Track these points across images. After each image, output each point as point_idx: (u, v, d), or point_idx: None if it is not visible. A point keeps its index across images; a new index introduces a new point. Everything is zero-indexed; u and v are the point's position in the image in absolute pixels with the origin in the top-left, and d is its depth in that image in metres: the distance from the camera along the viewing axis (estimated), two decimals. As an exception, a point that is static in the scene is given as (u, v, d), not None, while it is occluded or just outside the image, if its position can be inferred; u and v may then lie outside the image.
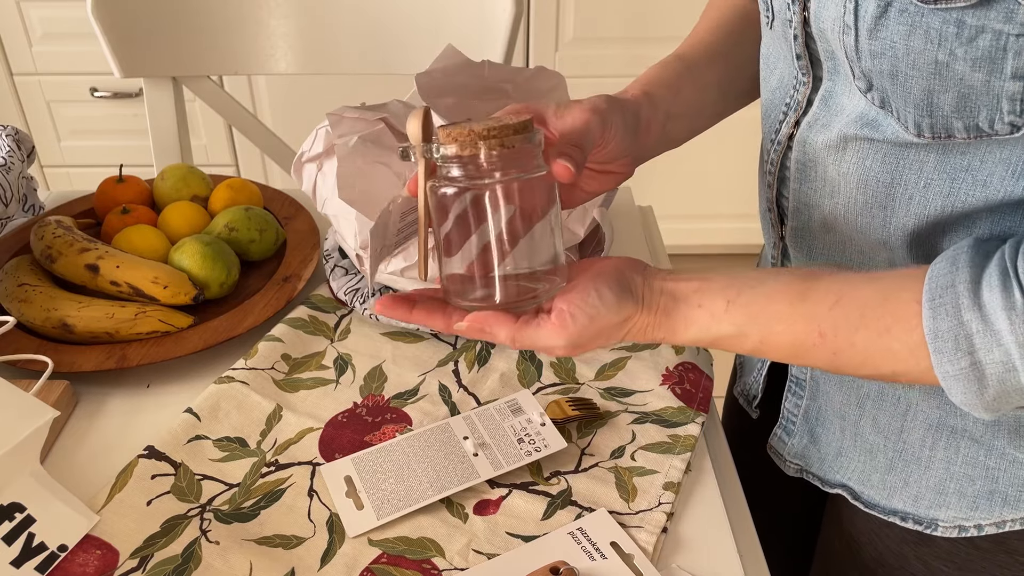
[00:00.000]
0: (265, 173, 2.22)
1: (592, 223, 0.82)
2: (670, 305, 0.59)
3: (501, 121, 0.57)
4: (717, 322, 0.58)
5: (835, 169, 0.63)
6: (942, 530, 0.71)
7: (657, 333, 0.60)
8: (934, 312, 0.52)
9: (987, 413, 0.54)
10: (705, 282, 0.59)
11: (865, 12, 0.53)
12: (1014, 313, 0.50)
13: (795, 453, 0.81)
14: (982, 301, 0.51)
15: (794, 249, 0.71)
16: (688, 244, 2.32)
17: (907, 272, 0.55)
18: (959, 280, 0.52)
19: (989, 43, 0.49)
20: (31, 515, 0.65)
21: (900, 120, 0.56)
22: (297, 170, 0.89)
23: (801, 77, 0.64)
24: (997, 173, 0.56)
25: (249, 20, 1.27)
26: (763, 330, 0.57)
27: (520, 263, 0.59)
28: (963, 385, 0.53)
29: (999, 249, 0.53)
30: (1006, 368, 0.51)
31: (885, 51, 0.53)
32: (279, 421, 0.76)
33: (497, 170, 0.56)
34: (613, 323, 0.58)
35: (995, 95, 0.51)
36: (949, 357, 0.52)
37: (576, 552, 0.65)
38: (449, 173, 0.57)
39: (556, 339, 0.58)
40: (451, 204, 0.58)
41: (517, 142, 0.56)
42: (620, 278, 0.59)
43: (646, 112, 0.68)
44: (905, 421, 0.70)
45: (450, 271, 0.60)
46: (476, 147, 0.56)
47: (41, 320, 0.83)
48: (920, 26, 0.51)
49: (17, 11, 2.01)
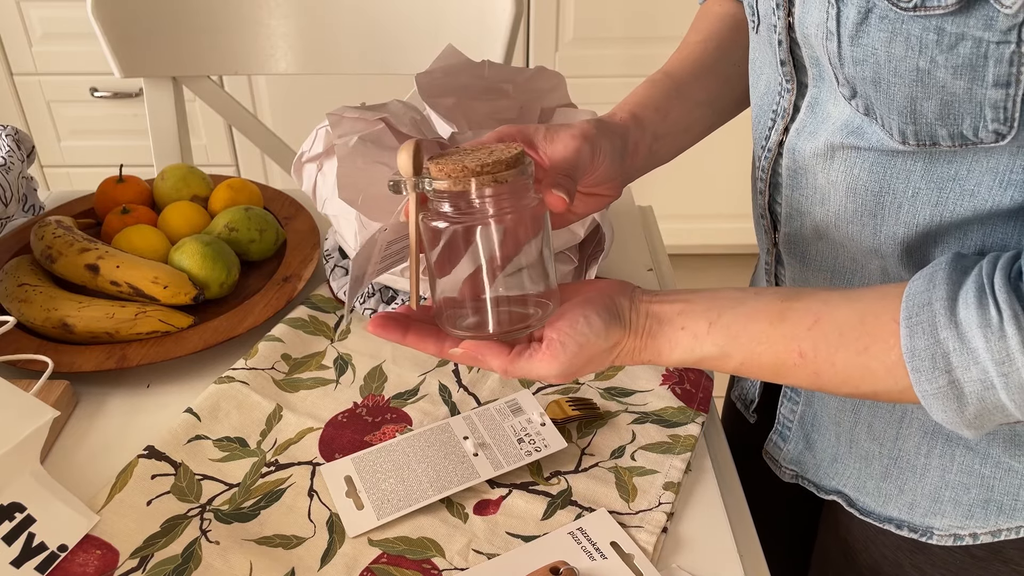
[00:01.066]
0: (265, 173, 2.22)
1: (592, 223, 0.82)
2: (655, 328, 0.59)
3: (493, 154, 0.57)
4: (700, 343, 0.58)
5: (824, 177, 0.63)
6: (937, 538, 0.71)
7: (644, 356, 0.60)
8: (911, 331, 0.52)
9: (969, 431, 0.54)
10: (688, 304, 0.59)
11: (847, 18, 0.53)
12: (990, 330, 0.49)
13: (791, 459, 0.81)
14: (958, 319, 0.51)
15: (787, 256, 0.71)
16: (688, 244, 2.32)
17: (885, 290, 0.55)
18: (936, 298, 0.52)
19: (970, 50, 0.49)
20: (31, 515, 0.65)
21: (885, 127, 0.56)
22: (297, 170, 0.89)
23: (785, 83, 0.64)
24: (985, 183, 0.55)
25: (249, 20, 1.27)
26: (744, 351, 0.57)
27: (512, 292, 0.59)
28: (942, 403, 0.52)
29: (977, 265, 0.53)
30: (984, 386, 0.50)
31: (867, 58, 0.53)
32: (279, 421, 0.76)
33: (489, 205, 0.56)
34: (602, 349, 0.59)
35: (978, 103, 0.51)
36: (927, 376, 0.52)
37: (576, 552, 0.65)
38: (441, 208, 0.57)
39: (548, 368, 0.58)
40: (443, 236, 0.58)
41: (509, 177, 0.56)
42: (608, 303, 0.59)
43: (634, 135, 0.69)
44: (900, 428, 0.70)
45: (441, 299, 0.60)
46: (468, 183, 0.55)
47: (41, 320, 0.83)
48: (901, 33, 0.51)
49: (17, 11, 2.01)
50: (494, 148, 0.58)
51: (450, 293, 0.59)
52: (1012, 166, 0.54)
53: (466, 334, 0.60)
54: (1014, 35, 0.48)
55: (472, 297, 0.59)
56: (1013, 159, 0.54)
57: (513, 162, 0.56)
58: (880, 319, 0.54)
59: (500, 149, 0.58)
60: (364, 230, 0.79)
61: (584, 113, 0.87)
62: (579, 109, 0.87)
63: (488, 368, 0.60)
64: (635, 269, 0.96)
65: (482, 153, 0.57)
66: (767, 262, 0.74)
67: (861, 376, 0.55)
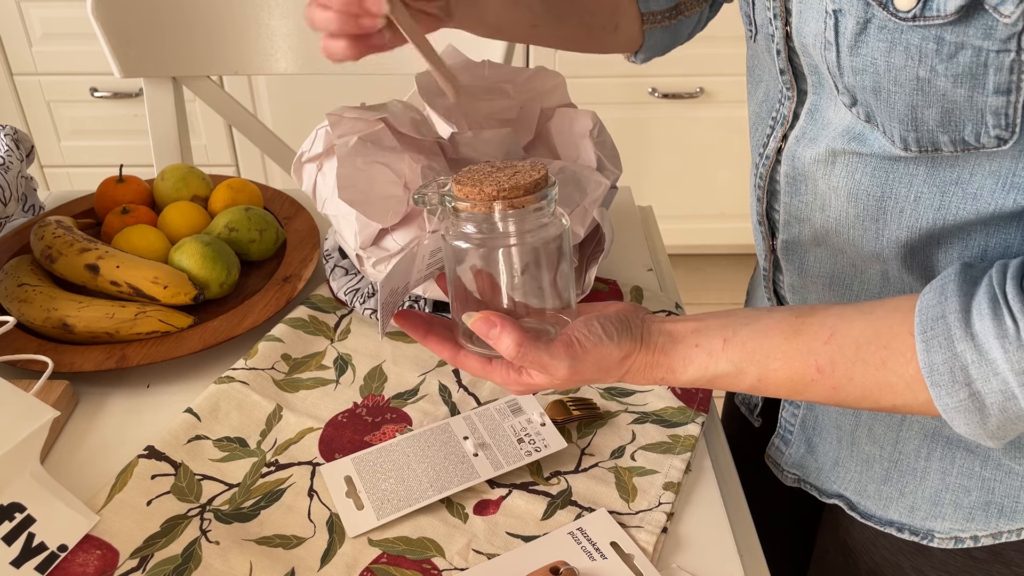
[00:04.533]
0: (265, 173, 2.22)
1: (592, 223, 0.82)
2: (668, 345, 0.59)
3: (515, 176, 0.57)
4: (715, 360, 0.58)
5: (825, 183, 0.63)
6: (938, 541, 0.71)
7: (656, 372, 0.59)
8: (927, 345, 0.52)
9: (993, 441, 0.53)
10: (702, 323, 0.59)
11: (845, 28, 0.53)
12: (1007, 340, 0.49)
13: (792, 463, 0.80)
14: (974, 331, 0.50)
15: (785, 262, 0.71)
16: (688, 244, 2.32)
17: (897, 303, 0.55)
18: (949, 310, 0.51)
19: (970, 59, 0.49)
20: (31, 515, 0.65)
21: (886, 134, 0.56)
22: (297, 170, 0.89)
23: (786, 91, 0.64)
24: (987, 186, 0.55)
25: (249, 20, 1.27)
26: (760, 367, 0.57)
27: (530, 310, 0.60)
28: (965, 416, 0.52)
29: (987, 274, 0.52)
30: (1006, 396, 0.50)
31: (867, 67, 0.53)
32: (279, 421, 0.76)
33: (508, 229, 0.57)
34: (615, 357, 0.58)
35: (979, 110, 0.51)
36: (947, 390, 0.51)
37: (576, 552, 0.65)
38: (462, 229, 0.58)
39: (561, 360, 0.57)
40: (464, 256, 0.59)
41: (528, 203, 0.56)
42: (622, 318, 0.59)
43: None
44: (901, 431, 0.70)
45: (460, 314, 0.60)
46: (489, 207, 0.56)
47: (41, 320, 0.83)
48: (900, 43, 0.50)
49: (17, 11, 2.01)
50: (518, 168, 0.58)
51: (470, 310, 0.60)
52: (1015, 169, 0.54)
53: (483, 351, 0.60)
54: (1014, 43, 0.47)
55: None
56: (1015, 162, 0.54)
57: (533, 187, 0.56)
58: (895, 332, 0.53)
59: (524, 170, 0.58)
60: (364, 230, 0.79)
61: (584, 113, 0.87)
62: (579, 109, 0.87)
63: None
64: (635, 269, 0.96)
65: (504, 175, 0.57)
66: (765, 268, 0.74)
67: (881, 391, 0.54)
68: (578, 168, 0.83)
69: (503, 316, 0.57)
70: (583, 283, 0.83)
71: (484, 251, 0.58)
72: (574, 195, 0.81)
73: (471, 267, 0.59)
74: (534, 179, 0.56)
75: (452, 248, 0.58)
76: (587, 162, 0.85)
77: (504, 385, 0.61)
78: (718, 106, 2.11)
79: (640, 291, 0.91)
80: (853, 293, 0.67)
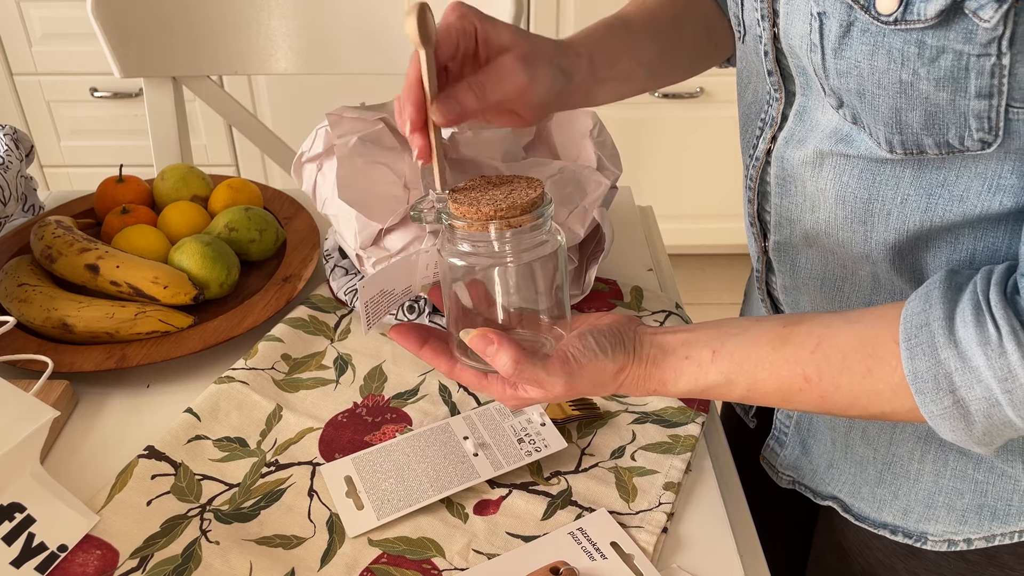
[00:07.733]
0: (265, 173, 2.22)
1: (592, 223, 0.82)
2: (659, 357, 0.59)
3: (511, 195, 0.58)
4: (704, 372, 0.58)
5: (813, 185, 0.63)
6: (931, 543, 0.71)
7: (649, 384, 0.60)
8: (911, 352, 0.52)
9: (981, 447, 0.54)
10: (692, 334, 0.59)
11: (829, 31, 0.53)
12: (989, 348, 0.49)
13: (787, 464, 0.81)
14: (957, 338, 0.51)
15: (778, 263, 0.71)
16: (688, 244, 2.32)
17: (883, 311, 0.55)
18: (933, 318, 0.52)
19: (951, 63, 0.49)
20: (31, 515, 0.65)
21: (872, 136, 0.56)
22: (297, 170, 0.89)
23: (774, 93, 0.64)
24: (973, 188, 0.55)
25: (249, 20, 1.27)
26: (749, 377, 0.57)
27: (525, 326, 0.60)
28: (950, 423, 0.52)
29: (971, 281, 0.53)
30: (989, 403, 0.50)
31: (851, 70, 0.53)
32: (279, 421, 0.76)
33: (505, 248, 0.57)
34: (609, 371, 0.59)
35: (961, 113, 0.51)
36: (931, 397, 0.52)
37: (576, 552, 0.65)
38: (458, 247, 0.58)
39: (557, 376, 0.58)
40: (459, 273, 0.59)
41: (524, 223, 0.57)
42: (615, 331, 0.60)
43: (582, 77, 0.67)
44: (894, 434, 0.70)
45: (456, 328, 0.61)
46: (485, 226, 0.57)
47: (41, 320, 0.83)
48: (883, 46, 0.51)
49: (17, 11, 2.01)
50: (515, 186, 0.59)
51: (466, 324, 0.60)
52: (1000, 171, 0.54)
53: (477, 365, 0.60)
54: (994, 48, 0.48)
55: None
56: (1001, 164, 0.54)
57: (529, 206, 0.57)
58: (881, 340, 0.54)
59: (520, 188, 0.59)
60: (364, 230, 0.79)
61: (584, 113, 0.87)
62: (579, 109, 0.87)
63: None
64: (635, 269, 0.96)
65: (501, 192, 0.58)
66: (758, 270, 0.74)
67: (868, 398, 0.55)
68: (578, 168, 0.83)
69: (500, 333, 0.58)
70: (583, 283, 0.83)
71: (480, 268, 0.58)
72: (574, 195, 0.81)
73: (467, 283, 0.60)
74: (531, 198, 0.57)
75: (448, 264, 0.59)
76: (587, 162, 0.85)
77: (500, 399, 0.62)
78: (718, 106, 2.11)
79: (640, 291, 0.91)
80: (844, 295, 0.67)
